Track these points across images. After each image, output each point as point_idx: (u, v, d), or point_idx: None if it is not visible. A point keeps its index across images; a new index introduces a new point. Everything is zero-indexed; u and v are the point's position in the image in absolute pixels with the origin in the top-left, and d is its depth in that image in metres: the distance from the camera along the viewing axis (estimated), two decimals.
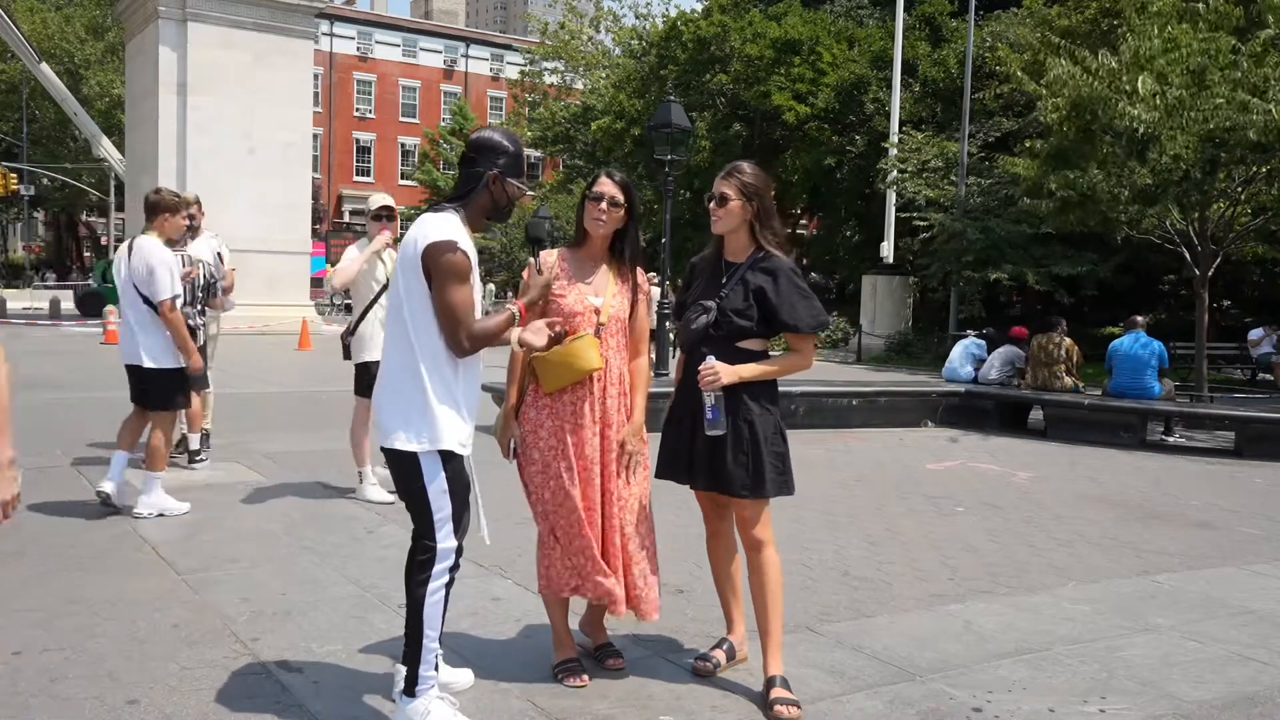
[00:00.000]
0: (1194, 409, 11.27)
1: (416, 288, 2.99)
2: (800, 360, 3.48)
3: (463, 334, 2.96)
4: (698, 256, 3.72)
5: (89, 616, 3.99)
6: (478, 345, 3.02)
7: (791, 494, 3.48)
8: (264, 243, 22.81)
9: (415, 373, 2.99)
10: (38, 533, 5.23)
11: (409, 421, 2.99)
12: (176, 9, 23.77)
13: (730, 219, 3.45)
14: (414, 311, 3.00)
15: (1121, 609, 4.60)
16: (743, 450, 3.36)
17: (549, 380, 3.38)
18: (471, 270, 3.01)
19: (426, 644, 3.02)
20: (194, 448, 7.11)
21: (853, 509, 6.55)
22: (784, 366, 3.45)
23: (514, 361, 3.46)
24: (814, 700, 3.42)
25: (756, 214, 3.44)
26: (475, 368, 3.13)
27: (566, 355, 3.33)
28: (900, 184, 21.69)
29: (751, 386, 3.40)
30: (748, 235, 3.48)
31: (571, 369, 3.34)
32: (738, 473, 3.36)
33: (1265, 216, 12.87)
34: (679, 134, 14.89)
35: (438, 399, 2.99)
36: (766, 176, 3.53)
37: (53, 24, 39.89)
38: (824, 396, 10.69)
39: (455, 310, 2.94)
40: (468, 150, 3.15)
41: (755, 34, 26.77)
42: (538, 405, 3.43)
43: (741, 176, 3.44)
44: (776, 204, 3.89)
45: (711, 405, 3.34)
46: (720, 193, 3.44)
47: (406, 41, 57.41)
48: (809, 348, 3.50)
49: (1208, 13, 11.27)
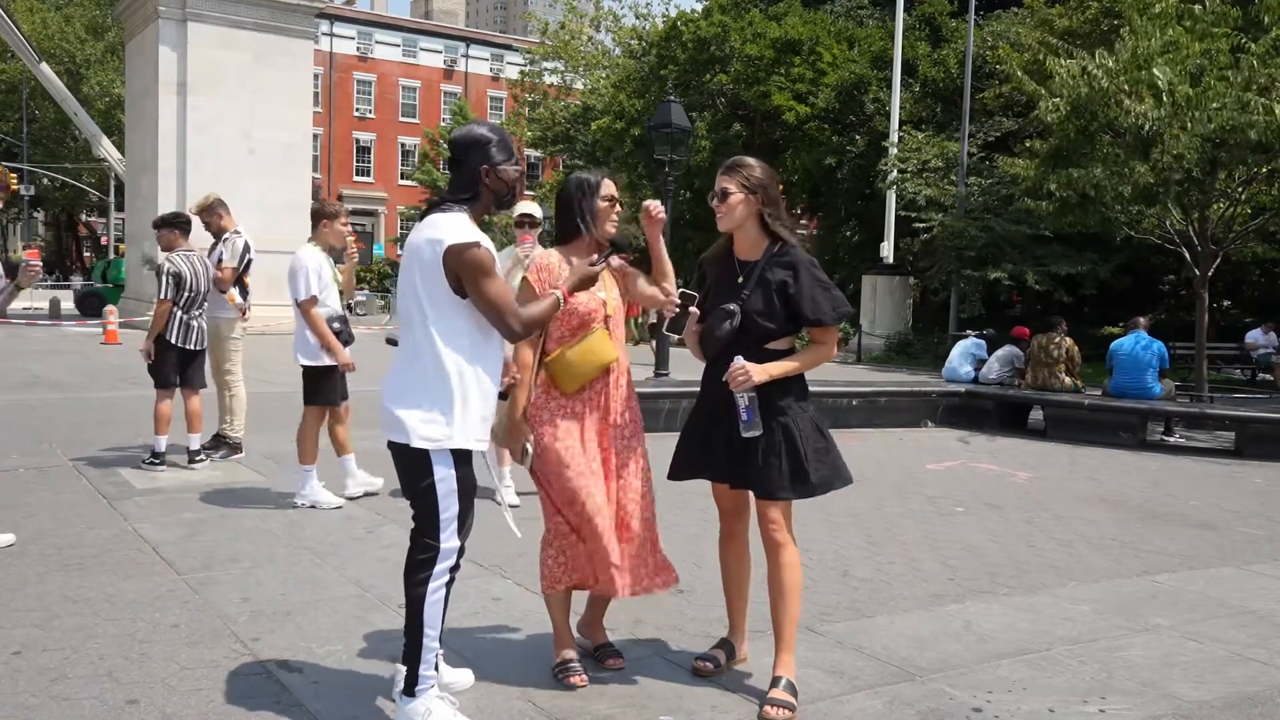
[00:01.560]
0: (1194, 409, 11.27)
1: (438, 288, 2.99)
2: (825, 352, 3.44)
3: (512, 320, 3.02)
4: (706, 254, 3.64)
5: (89, 616, 3.99)
6: (530, 329, 3.11)
7: (849, 483, 3.49)
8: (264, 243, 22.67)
9: (434, 371, 3.00)
10: (38, 533, 5.23)
11: (423, 419, 2.99)
12: (176, 9, 23.76)
13: (733, 214, 3.40)
14: (437, 311, 3.00)
15: (1121, 609, 4.60)
16: (775, 452, 3.32)
17: (569, 380, 3.40)
18: (496, 263, 3.03)
19: (427, 644, 3.02)
20: (193, 448, 7.10)
21: (853, 509, 6.55)
22: (810, 360, 3.40)
23: (521, 365, 3.44)
24: (814, 700, 3.42)
25: (763, 206, 3.38)
26: (496, 364, 3.13)
27: (585, 353, 3.37)
28: (900, 184, 21.69)
29: (781, 385, 3.35)
30: (757, 230, 3.42)
31: (592, 365, 3.39)
32: (771, 474, 3.32)
33: (1265, 217, 12.87)
34: (679, 134, 14.86)
35: (456, 397, 3.00)
36: (770, 169, 3.47)
37: (53, 24, 39.86)
38: (824, 396, 10.69)
39: (497, 302, 2.99)
40: (453, 152, 3.14)
41: (755, 34, 26.76)
42: (551, 406, 3.43)
43: (743, 170, 3.39)
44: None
45: (745, 407, 3.29)
46: (721, 188, 3.39)
47: (406, 41, 57.38)
48: (832, 338, 3.46)
49: (1205, 14, 11.27)
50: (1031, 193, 14.23)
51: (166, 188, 23.55)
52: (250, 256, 7.44)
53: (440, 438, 2.99)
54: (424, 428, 2.99)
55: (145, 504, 5.98)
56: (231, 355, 7.46)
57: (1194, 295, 12.90)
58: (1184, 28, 11.13)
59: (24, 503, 5.88)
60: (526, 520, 3.84)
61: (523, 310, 3.07)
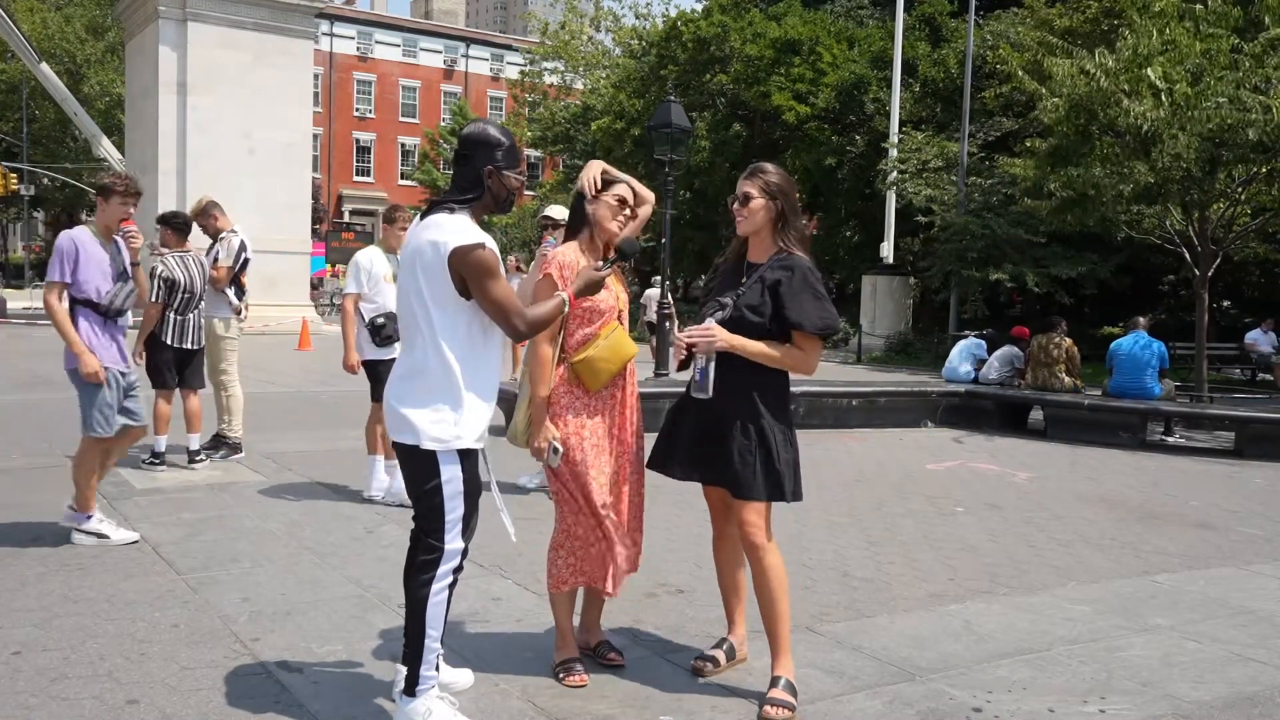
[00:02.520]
0: (1194, 409, 11.27)
1: (443, 289, 2.99)
2: (801, 359, 3.36)
3: (517, 321, 3.04)
4: (721, 257, 3.70)
5: (89, 616, 3.99)
6: (534, 329, 3.14)
7: (799, 500, 3.45)
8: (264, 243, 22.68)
9: (439, 371, 3.00)
10: (37, 532, 5.23)
11: (430, 419, 2.99)
12: (176, 9, 23.77)
13: (754, 219, 3.43)
14: (441, 312, 3.00)
15: (1121, 609, 4.60)
16: (750, 452, 3.33)
17: (597, 379, 3.41)
18: (500, 264, 3.04)
19: (428, 644, 3.02)
20: (193, 448, 7.10)
21: (853, 509, 6.55)
22: (784, 357, 3.34)
23: (542, 364, 3.38)
24: (814, 700, 3.42)
25: (780, 213, 3.42)
26: (497, 364, 3.15)
27: (611, 350, 3.40)
28: (900, 185, 21.70)
29: (762, 390, 3.36)
30: (772, 236, 3.45)
31: (619, 361, 3.43)
32: (744, 474, 3.33)
33: (1265, 217, 12.87)
34: (679, 134, 14.88)
35: (461, 397, 3.01)
36: (790, 177, 3.52)
37: (53, 24, 39.87)
38: (824, 396, 10.70)
39: (502, 303, 3.00)
40: (461, 147, 3.14)
41: (755, 34, 26.77)
42: (575, 406, 3.43)
43: (765, 176, 3.43)
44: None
45: (701, 369, 3.35)
46: (744, 192, 3.42)
47: (406, 41, 57.39)
48: (814, 350, 3.39)
49: (1206, 13, 11.27)
50: (1031, 192, 14.23)
51: (166, 188, 23.58)
52: (246, 256, 7.44)
53: (449, 438, 2.99)
54: (433, 428, 2.99)
55: (145, 504, 5.98)
56: (227, 355, 7.46)
57: (1194, 295, 12.90)
58: (1184, 28, 11.14)
59: (24, 503, 5.88)
60: (524, 520, 3.84)
61: (528, 310, 3.09)
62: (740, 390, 3.34)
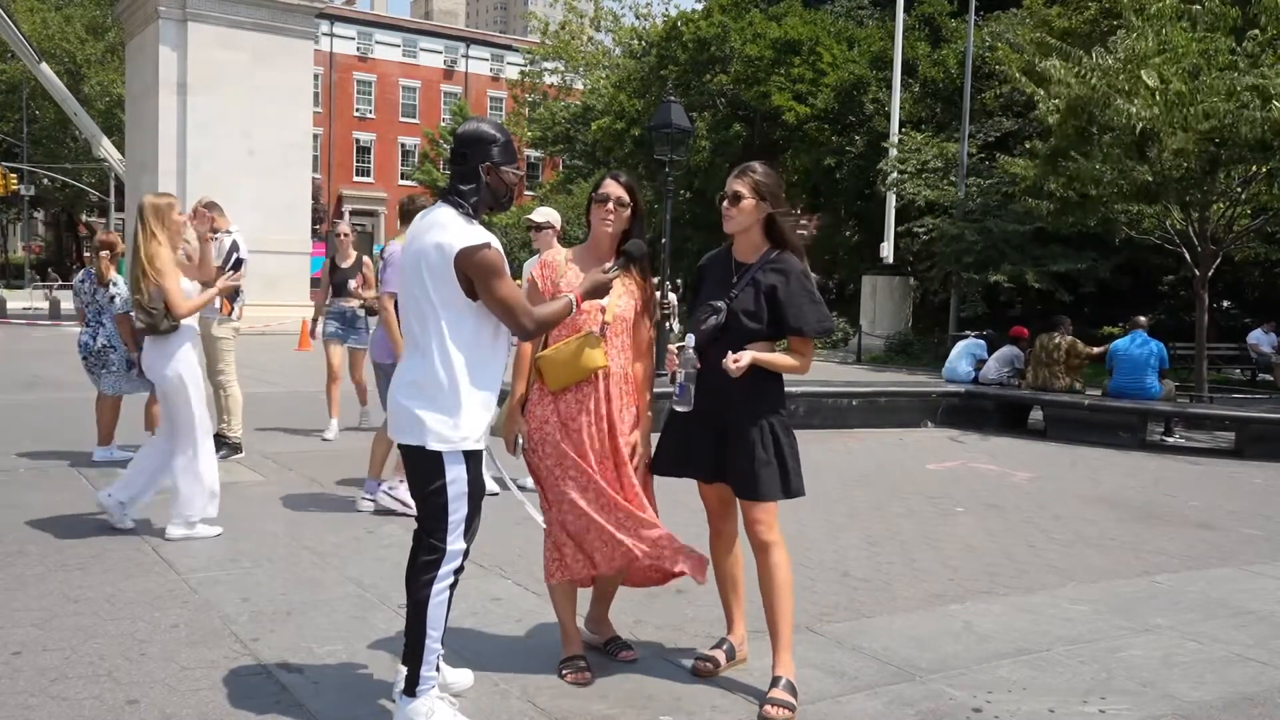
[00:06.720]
0: (1194, 409, 11.27)
1: (450, 291, 2.99)
2: (799, 363, 3.47)
3: (524, 319, 3.05)
4: (706, 257, 3.70)
5: (89, 616, 3.99)
6: (542, 328, 3.17)
7: (803, 495, 3.49)
8: (264, 243, 22.77)
9: (445, 372, 2.99)
10: (37, 533, 5.23)
11: (438, 420, 2.99)
12: (176, 9, 23.78)
13: (743, 218, 3.44)
14: (448, 313, 3.00)
15: (1121, 609, 4.60)
16: (765, 454, 3.36)
17: (553, 379, 3.40)
18: (505, 263, 3.05)
19: (429, 644, 3.01)
20: None
21: (853, 509, 6.55)
22: (799, 364, 3.46)
23: (520, 359, 3.48)
24: (814, 700, 3.42)
25: (769, 213, 3.44)
26: (501, 363, 3.16)
27: (569, 356, 3.36)
28: (900, 185, 21.69)
29: (766, 389, 3.41)
30: (760, 235, 3.47)
31: (575, 368, 3.38)
32: (762, 475, 3.35)
33: (1265, 217, 12.87)
34: (679, 134, 14.88)
35: (468, 399, 3.01)
36: (779, 176, 3.53)
37: (53, 24, 39.89)
38: (824, 396, 10.69)
39: (509, 302, 3.02)
40: (457, 146, 3.14)
41: (755, 34, 26.77)
42: (543, 402, 3.44)
43: (755, 175, 3.44)
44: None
45: (681, 383, 3.38)
46: (734, 191, 3.44)
47: (406, 42, 57.38)
48: (809, 352, 3.49)
49: (1204, 14, 11.26)
50: (1032, 192, 14.23)
51: (166, 188, 23.54)
52: (239, 256, 7.40)
53: (455, 439, 3.00)
54: (439, 429, 2.99)
55: (145, 504, 5.96)
56: (223, 355, 7.46)
57: (1194, 295, 12.90)
58: (1182, 29, 11.14)
59: (24, 503, 5.87)
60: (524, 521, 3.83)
61: (535, 310, 3.10)
62: (747, 393, 3.36)
